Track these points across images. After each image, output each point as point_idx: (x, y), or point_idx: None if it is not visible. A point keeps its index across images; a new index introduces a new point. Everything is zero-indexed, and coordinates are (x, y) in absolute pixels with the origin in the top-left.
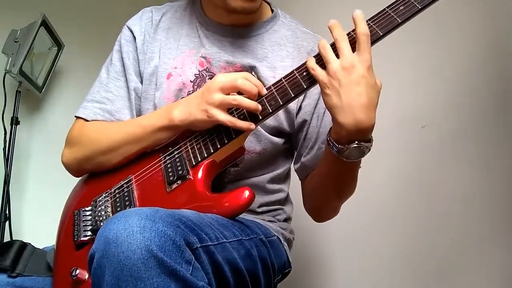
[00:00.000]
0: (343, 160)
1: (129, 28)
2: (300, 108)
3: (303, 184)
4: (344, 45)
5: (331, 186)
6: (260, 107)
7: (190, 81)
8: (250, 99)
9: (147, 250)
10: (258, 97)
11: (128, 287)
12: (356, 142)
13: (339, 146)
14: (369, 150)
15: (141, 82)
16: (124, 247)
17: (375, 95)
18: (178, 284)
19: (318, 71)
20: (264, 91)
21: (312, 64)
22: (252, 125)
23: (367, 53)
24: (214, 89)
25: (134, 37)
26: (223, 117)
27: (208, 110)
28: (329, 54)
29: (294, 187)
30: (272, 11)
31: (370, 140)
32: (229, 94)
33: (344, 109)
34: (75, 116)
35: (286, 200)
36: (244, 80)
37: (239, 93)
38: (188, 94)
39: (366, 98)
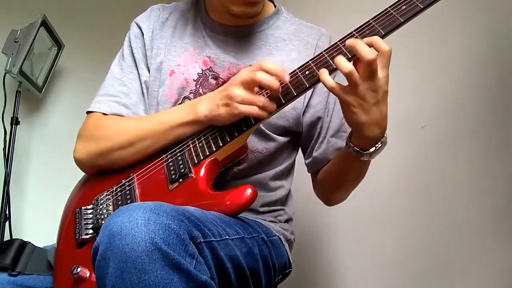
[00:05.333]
0: (365, 159)
1: (137, 25)
2: (308, 106)
3: (314, 177)
4: (377, 66)
5: (345, 181)
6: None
7: (193, 80)
8: (273, 92)
9: (152, 242)
10: (261, 94)
11: (132, 279)
12: (380, 142)
13: (365, 151)
14: (387, 141)
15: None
16: (129, 239)
17: None
18: (182, 276)
19: (341, 91)
20: (287, 78)
21: (331, 82)
22: (266, 114)
23: (387, 69)
24: (236, 83)
25: (142, 33)
26: (247, 108)
27: (230, 105)
28: (356, 76)
29: (297, 188)
30: (275, 7)
31: (385, 135)
32: (253, 89)
33: (372, 124)
34: (88, 111)
35: (287, 199)
36: (263, 74)
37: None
38: (190, 93)
39: (386, 107)
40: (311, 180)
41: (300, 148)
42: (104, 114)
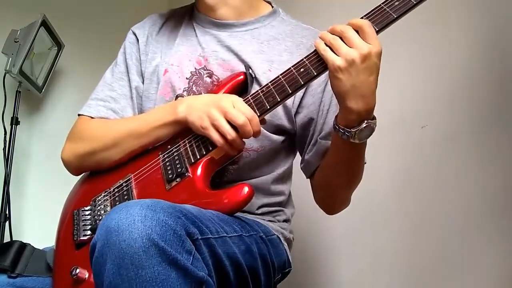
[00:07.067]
0: (354, 143)
1: (133, 32)
2: (300, 106)
3: (312, 181)
4: (353, 35)
5: (343, 174)
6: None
7: (186, 78)
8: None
9: (148, 238)
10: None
11: (129, 275)
12: (365, 121)
13: (351, 130)
14: (376, 125)
15: (143, 82)
16: (126, 235)
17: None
18: (179, 272)
19: (331, 54)
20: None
21: (323, 46)
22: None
23: (376, 39)
24: (221, 109)
25: (137, 39)
26: (216, 136)
27: (203, 121)
28: (340, 43)
29: (295, 189)
30: (273, 7)
31: (374, 117)
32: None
33: (355, 95)
34: (78, 114)
35: (287, 203)
36: (246, 123)
37: None
38: (184, 91)
39: (375, 84)
40: (307, 181)
41: (298, 152)
42: (92, 117)
